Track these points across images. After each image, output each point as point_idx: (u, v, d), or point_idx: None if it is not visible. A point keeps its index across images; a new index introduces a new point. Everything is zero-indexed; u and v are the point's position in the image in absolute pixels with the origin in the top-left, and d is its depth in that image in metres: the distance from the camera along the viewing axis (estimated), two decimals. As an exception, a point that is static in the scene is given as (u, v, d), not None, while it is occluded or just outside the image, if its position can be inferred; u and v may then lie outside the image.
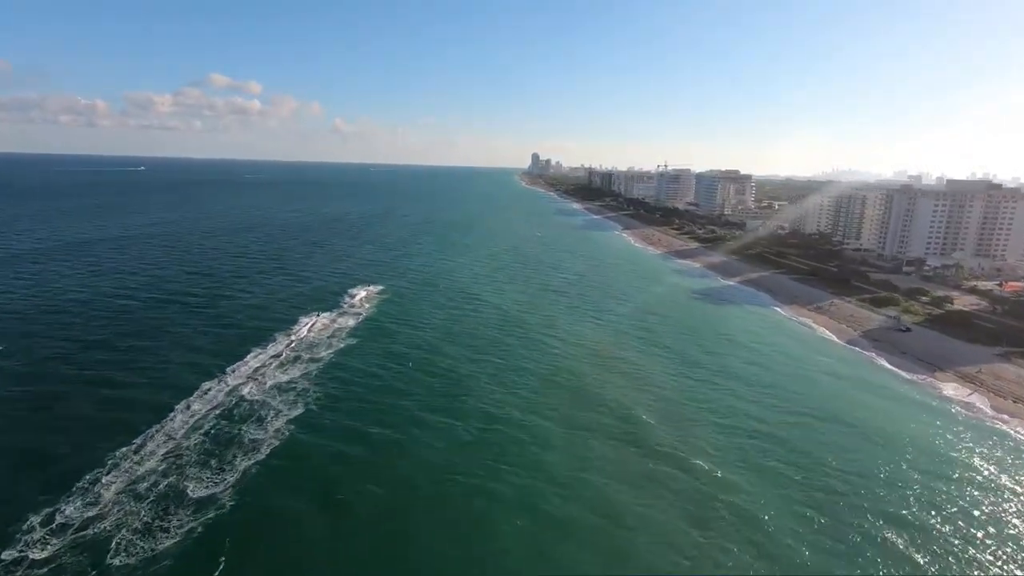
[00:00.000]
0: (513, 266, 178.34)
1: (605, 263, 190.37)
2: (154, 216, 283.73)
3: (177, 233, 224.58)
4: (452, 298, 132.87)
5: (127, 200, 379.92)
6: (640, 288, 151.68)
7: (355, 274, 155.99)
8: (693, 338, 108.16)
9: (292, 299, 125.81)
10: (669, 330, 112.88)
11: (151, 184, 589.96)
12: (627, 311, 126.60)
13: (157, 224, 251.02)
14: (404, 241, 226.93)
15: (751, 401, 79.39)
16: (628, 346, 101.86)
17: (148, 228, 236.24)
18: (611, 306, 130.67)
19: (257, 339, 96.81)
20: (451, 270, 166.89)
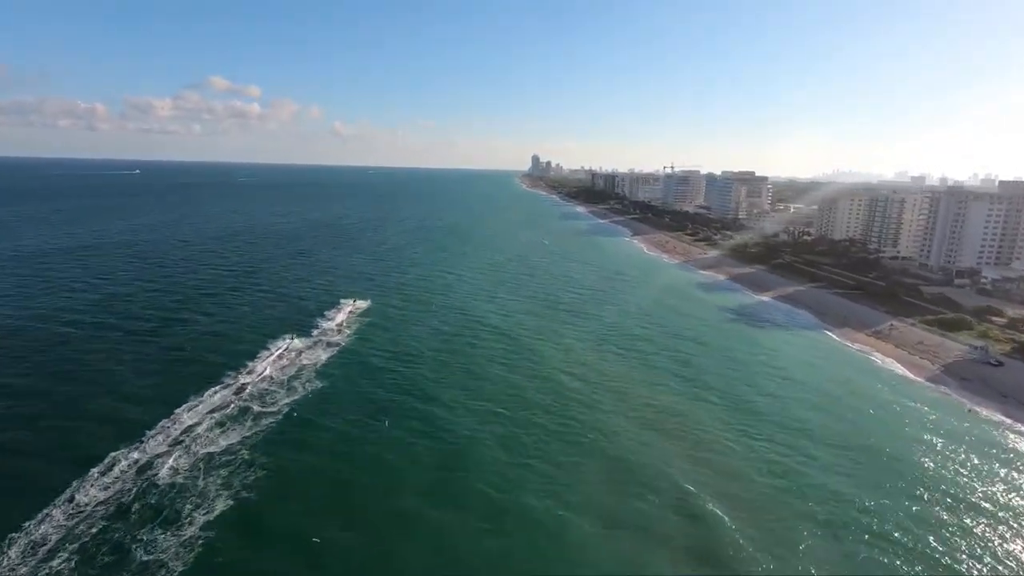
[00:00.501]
0: (517, 279, 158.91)
1: (620, 275, 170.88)
2: (132, 221, 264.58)
3: (150, 241, 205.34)
4: (448, 320, 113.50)
5: (108, 203, 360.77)
6: (665, 306, 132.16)
7: (340, 289, 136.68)
8: (741, 374, 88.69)
9: (261, 323, 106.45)
10: (710, 363, 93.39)
11: (140, 187, 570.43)
12: (655, 336, 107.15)
13: (131, 231, 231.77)
14: (397, 249, 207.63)
15: (843, 475, 59.83)
16: (666, 387, 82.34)
17: (120, 236, 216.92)
18: (635, 329, 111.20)
19: (205, 380, 77.65)
20: (448, 284, 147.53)
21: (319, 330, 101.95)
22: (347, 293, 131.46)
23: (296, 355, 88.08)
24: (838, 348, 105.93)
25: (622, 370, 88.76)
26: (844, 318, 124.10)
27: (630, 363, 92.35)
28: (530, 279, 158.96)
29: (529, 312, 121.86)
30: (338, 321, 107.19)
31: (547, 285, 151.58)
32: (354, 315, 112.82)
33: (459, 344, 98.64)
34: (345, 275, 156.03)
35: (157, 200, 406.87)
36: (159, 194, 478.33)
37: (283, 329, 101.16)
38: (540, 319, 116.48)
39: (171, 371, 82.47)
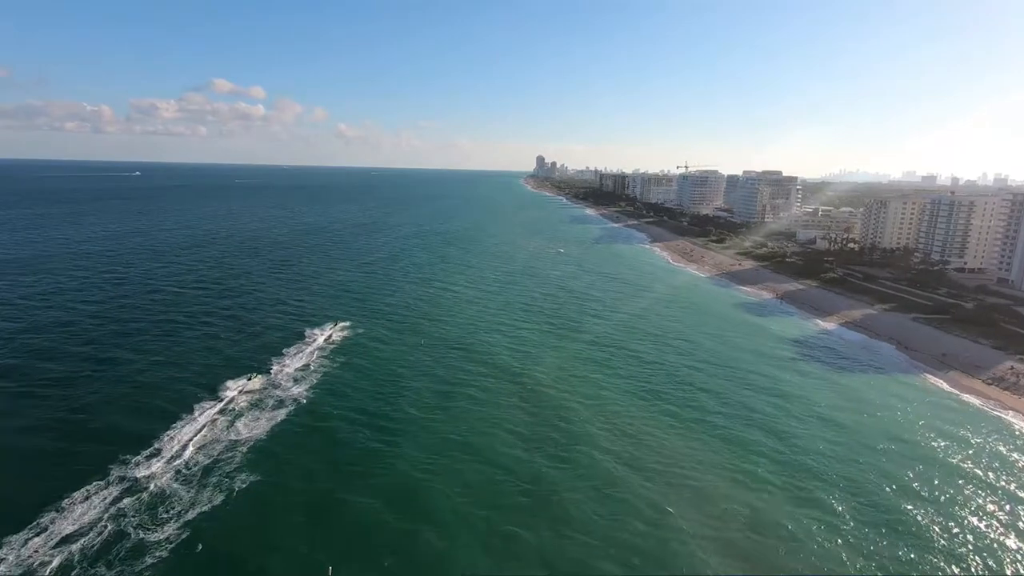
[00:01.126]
0: (530, 298, 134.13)
1: (649, 293, 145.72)
2: (105, 227, 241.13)
3: (115, 252, 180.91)
4: (445, 357, 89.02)
5: (88, 208, 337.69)
6: (715, 337, 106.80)
7: (317, 312, 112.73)
8: (857, 455, 63.43)
9: (205, 368, 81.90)
10: (805, 431, 68.06)
11: (134, 190, 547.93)
12: (717, 384, 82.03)
13: (100, 238, 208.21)
14: (391, 260, 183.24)
15: None
16: (755, 478, 57.25)
17: (84, 245, 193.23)
18: (688, 374, 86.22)
19: (109, 456, 53.94)
20: (447, 306, 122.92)
21: (281, 373, 77.81)
22: (325, 317, 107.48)
23: (230, 423, 63.53)
24: (957, 404, 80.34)
25: (683, 443, 63.69)
26: (941, 355, 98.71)
27: (694, 430, 67.20)
28: (544, 298, 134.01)
29: (549, 347, 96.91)
30: (301, 363, 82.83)
31: (565, 306, 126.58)
32: (326, 351, 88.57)
33: (458, 399, 73.92)
34: (328, 293, 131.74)
35: (140, 204, 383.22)
36: (146, 197, 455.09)
37: (231, 374, 77.03)
38: (564, 358, 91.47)
39: (74, 441, 58.41)
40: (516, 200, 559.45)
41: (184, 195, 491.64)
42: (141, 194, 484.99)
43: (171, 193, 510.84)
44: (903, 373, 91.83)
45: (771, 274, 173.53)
